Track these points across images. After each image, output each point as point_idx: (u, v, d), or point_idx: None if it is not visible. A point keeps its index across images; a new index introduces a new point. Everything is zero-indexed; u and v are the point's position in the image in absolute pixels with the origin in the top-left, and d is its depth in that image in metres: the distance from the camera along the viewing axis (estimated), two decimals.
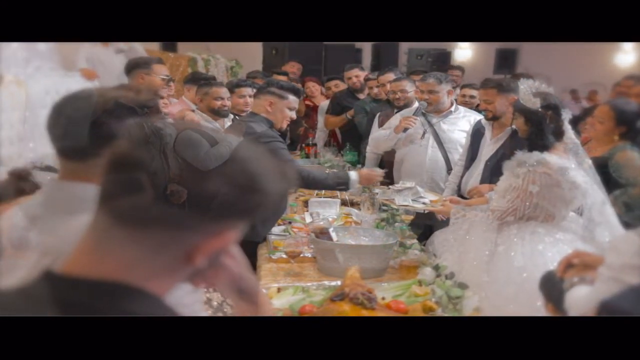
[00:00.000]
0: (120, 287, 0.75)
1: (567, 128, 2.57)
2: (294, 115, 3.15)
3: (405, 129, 3.91)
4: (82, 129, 1.17)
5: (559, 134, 2.55)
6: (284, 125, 3.12)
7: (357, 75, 5.41)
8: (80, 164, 1.19)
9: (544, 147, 2.53)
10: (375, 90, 5.07)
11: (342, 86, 5.67)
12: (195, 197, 0.73)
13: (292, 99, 3.08)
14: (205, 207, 0.74)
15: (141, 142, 0.74)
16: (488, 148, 3.45)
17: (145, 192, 0.72)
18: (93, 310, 0.74)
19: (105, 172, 0.76)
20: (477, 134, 3.57)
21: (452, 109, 4.00)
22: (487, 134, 3.50)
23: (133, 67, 3.73)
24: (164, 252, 0.76)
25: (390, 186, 3.30)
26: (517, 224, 2.50)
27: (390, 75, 4.78)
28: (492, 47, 9.51)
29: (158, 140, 0.74)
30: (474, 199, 3.10)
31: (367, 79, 5.42)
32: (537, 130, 2.57)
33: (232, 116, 4.15)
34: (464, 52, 10.46)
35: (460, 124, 3.93)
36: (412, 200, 3.12)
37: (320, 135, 5.74)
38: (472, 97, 4.88)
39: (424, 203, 3.08)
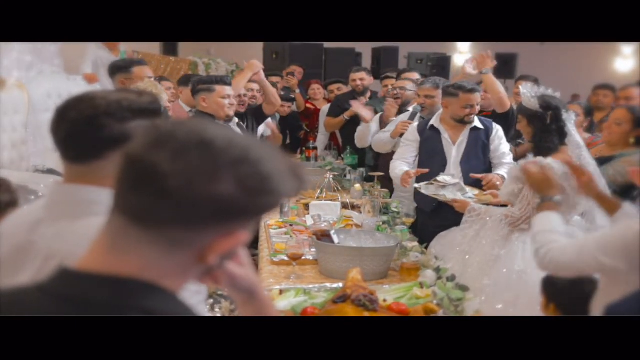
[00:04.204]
0: (138, 283, 0.77)
1: (571, 130, 2.57)
2: (232, 101, 3.46)
3: (402, 134, 3.94)
4: (85, 132, 1.18)
5: (562, 135, 2.56)
6: (229, 112, 3.44)
7: (362, 78, 5.42)
8: (84, 167, 1.19)
9: (548, 150, 2.54)
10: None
11: (345, 89, 5.68)
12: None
13: (220, 88, 3.39)
14: (220, 208, 0.75)
15: (154, 144, 0.75)
16: (455, 152, 3.56)
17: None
18: (110, 306, 0.75)
19: (118, 173, 0.77)
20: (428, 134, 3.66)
21: None
22: (445, 137, 3.59)
23: (114, 71, 3.61)
24: (178, 252, 0.78)
25: (434, 181, 3.31)
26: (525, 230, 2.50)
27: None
28: (492, 51, 9.52)
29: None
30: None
31: (383, 77, 5.43)
32: (540, 132, 2.59)
33: (236, 120, 4.15)
34: (463, 56, 10.45)
35: None
36: (462, 195, 3.13)
37: (321, 139, 5.74)
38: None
39: (469, 198, 3.08)
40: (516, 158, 3.54)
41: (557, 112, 2.57)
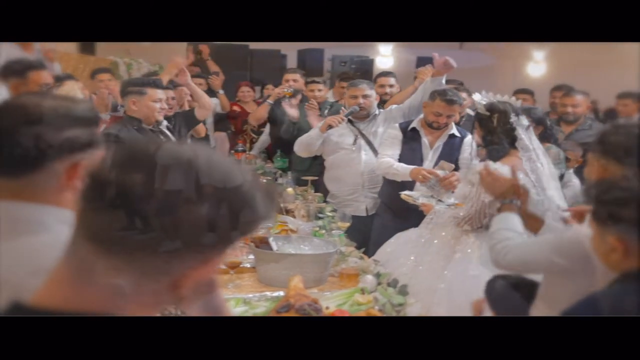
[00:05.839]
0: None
1: (520, 134, 2.62)
2: (163, 105, 3.42)
3: (330, 127, 3.93)
4: (18, 143, 1.07)
5: (512, 139, 2.61)
6: (158, 117, 3.38)
7: (295, 79, 5.36)
8: (17, 182, 1.08)
9: (497, 153, 2.59)
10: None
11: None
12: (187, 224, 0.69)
13: (152, 91, 3.33)
14: (197, 235, 0.69)
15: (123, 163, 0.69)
16: (431, 156, 3.63)
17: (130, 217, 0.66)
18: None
19: (83, 196, 0.70)
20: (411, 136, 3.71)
21: (377, 112, 4.10)
22: (424, 140, 3.67)
23: (6, 74, 3.06)
24: (149, 282, 0.71)
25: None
26: (475, 232, 2.54)
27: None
28: (414, 55, 9.74)
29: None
30: None
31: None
32: (488, 135, 2.65)
33: (165, 123, 3.98)
34: (386, 59, 10.63)
35: (382, 126, 4.01)
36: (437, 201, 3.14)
37: (263, 139, 5.61)
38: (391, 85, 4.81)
39: (450, 204, 3.07)
40: None
41: (504, 115, 2.63)
